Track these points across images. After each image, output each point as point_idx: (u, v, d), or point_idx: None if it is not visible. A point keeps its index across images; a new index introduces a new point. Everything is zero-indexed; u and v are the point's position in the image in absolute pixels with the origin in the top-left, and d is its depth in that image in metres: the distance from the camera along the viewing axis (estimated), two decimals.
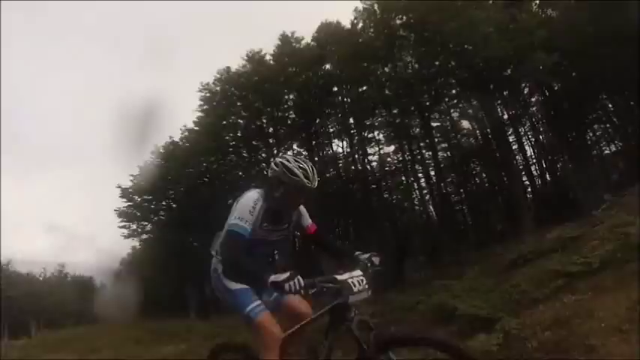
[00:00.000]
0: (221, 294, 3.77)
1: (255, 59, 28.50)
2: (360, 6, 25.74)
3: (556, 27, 22.00)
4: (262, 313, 3.61)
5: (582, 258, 9.79)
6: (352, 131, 28.42)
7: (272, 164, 3.73)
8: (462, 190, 28.44)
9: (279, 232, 3.79)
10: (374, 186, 29.11)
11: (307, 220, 4.00)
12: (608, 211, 15.28)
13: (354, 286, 3.26)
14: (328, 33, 26.79)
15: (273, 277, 3.10)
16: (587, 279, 8.86)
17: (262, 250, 3.78)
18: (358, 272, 3.39)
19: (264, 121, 29.34)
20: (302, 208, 3.94)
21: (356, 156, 28.99)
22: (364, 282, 3.32)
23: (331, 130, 29.41)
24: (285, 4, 62.13)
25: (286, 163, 3.63)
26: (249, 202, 3.58)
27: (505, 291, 10.73)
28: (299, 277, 3.10)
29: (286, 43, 27.86)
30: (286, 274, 3.10)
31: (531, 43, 20.80)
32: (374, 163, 29.46)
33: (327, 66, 27.38)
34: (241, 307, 3.62)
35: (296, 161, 3.65)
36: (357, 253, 3.79)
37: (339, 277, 3.29)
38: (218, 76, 29.41)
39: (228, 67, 29.26)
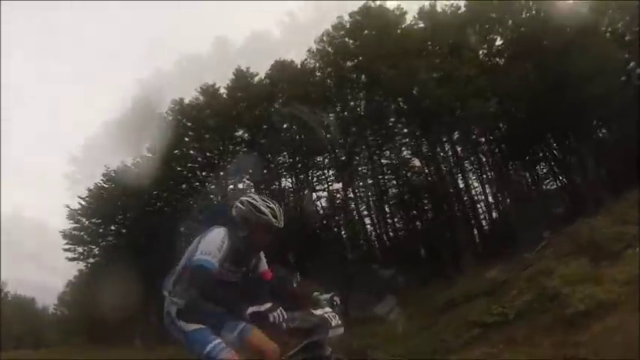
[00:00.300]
0: (177, 335, 3.54)
1: (208, 92, 28.74)
2: (314, 47, 26.62)
3: (501, 74, 23.20)
4: (224, 351, 3.38)
5: (501, 307, 10.36)
6: (299, 167, 28.78)
7: (237, 203, 3.65)
8: (410, 227, 28.75)
9: (238, 274, 3.66)
10: (323, 222, 29.26)
11: (264, 266, 3.87)
12: (543, 251, 15.90)
13: (331, 320, 3.26)
14: (281, 71, 27.27)
15: (253, 308, 3.06)
16: (502, 330, 9.38)
17: (218, 291, 3.45)
18: (329, 309, 3.39)
19: (215, 153, 29.46)
20: (262, 253, 3.84)
21: (304, 192, 29.20)
22: (337, 318, 3.32)
23: (280, 166, 29.31)
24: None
25: (253, 201, 3.56)
26: (217, 239, 3.42)
27: (427, 338, 11.33)
28: (281, 308, 3.07)
29: (241, 77, 28.17)
30: (268, 305, 3.07)
31: (476, 89, 22.02)
32: (323, 200, 29.71)
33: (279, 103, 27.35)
34: (200, 348, 3.39)
35: (263, 200, 3.58)
36: (315, 293, 3.71)
37: (316, 313, 3.29)
38: (172, 106, 29.57)
39: (182, 99, 29.44)
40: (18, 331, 42.37)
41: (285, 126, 27.39)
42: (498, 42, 24.92)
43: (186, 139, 28.96)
